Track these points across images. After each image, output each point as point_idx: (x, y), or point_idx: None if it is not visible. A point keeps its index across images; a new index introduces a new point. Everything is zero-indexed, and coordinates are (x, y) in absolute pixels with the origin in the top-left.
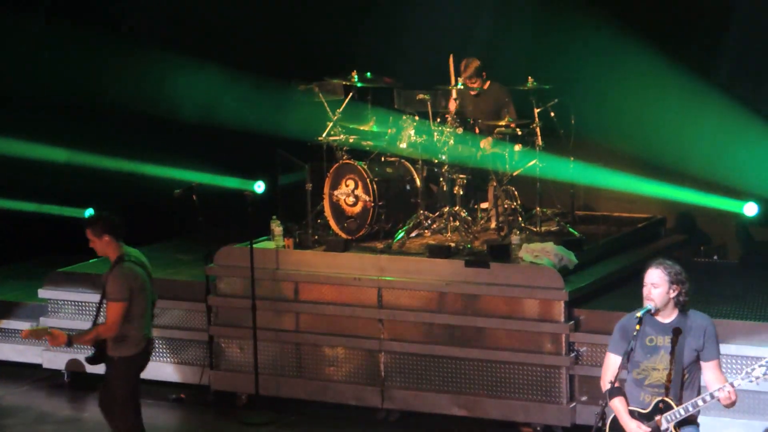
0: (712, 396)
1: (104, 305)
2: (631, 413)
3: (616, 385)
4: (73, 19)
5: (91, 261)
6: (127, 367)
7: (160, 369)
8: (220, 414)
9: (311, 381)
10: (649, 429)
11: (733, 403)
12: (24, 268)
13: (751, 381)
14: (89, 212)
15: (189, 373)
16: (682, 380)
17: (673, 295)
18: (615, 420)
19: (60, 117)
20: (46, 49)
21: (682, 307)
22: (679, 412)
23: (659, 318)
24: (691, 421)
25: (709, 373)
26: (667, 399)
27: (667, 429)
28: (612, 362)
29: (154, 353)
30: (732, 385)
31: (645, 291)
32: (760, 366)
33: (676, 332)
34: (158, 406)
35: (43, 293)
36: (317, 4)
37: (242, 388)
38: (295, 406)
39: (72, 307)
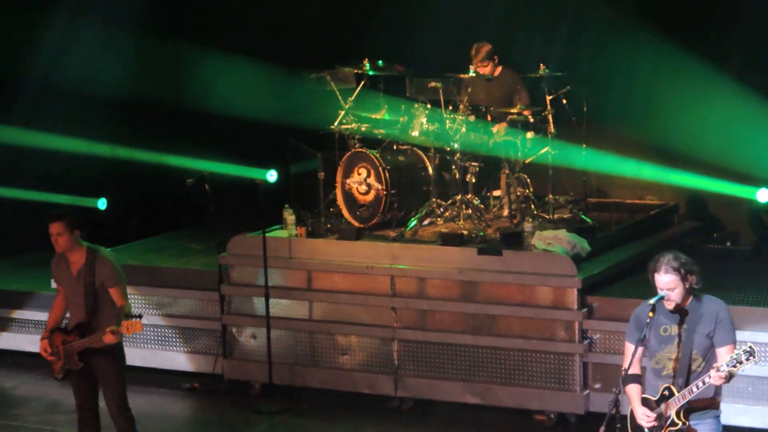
0: (704, 382)
1: (97, 295)
2: (644, 401)
3: (630, 372)
4: (94, 12)
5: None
6: (121, 350)
7: (174, 358)
8: (234, 403)
9: (324, 369)
10: (654, 416)
11: (726, 380)
12: (36, 258)
13: (734, 366)
14: (102, 202)
15: (202, 362)
16: (690, 367)
17: (687, 286)
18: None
19: (73, 107)
20: (65, 41)
21: (695, 291)
22: (677, 398)
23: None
24: (705, 412)
25: (722, 359)
26: (671, 386)
27: (669, 416)
28: (627, 351)
29: (167, 342)
30: (717, 369)
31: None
32: (744, 351)
33: (683, 314)
34: (172, 395)
35: (55, 283)
36: None
37: (255, 377)
38: (309, 394)
39: None
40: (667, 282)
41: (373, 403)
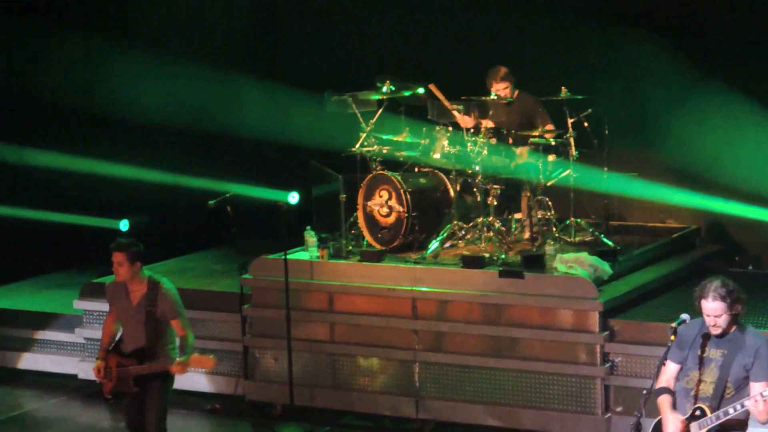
0: (742, 405)
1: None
2: None
3: (664, 386)
4: (111, 34)
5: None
6: (172, 375)
7: (195, 379)
8: (255, 424)
9: (346, 391)
10: (685, 422)
11: (764, 413)
12: (59, 278)
13: None
14: (124, 223)
15: (224, 384)
16: (723, 393)
17: (733, 313)
18: (657, 429)
19: (95, 128)
20: (83, 62)
21: (739, 319)
22: (711, 419)
23: None
24: None
25: (755, 392)
26: (703, 406)
27: None
28: (668, 369)
29: None
30: (762, 394)
31: (709, 321)
32: None
33: (726, 340)
34: (193, 417)
35: (78, 304)
36: (349, 16)
37: (277, 399)
38: (330, 416)
39: None
40: (714, 309)
41: (395, 425)
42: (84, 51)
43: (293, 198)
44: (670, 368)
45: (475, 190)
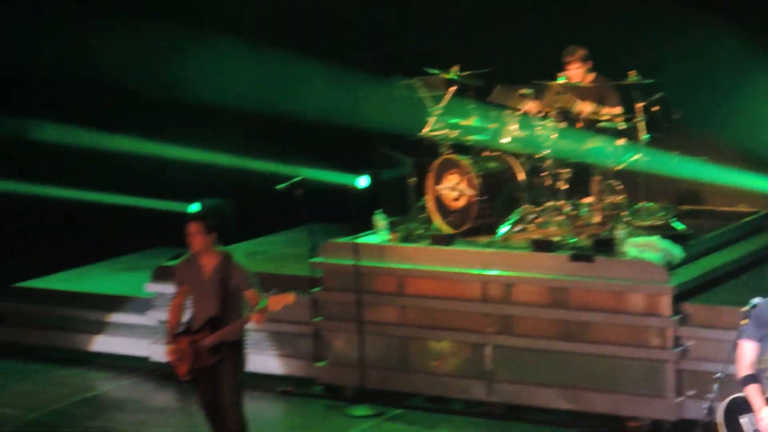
0: None
1: (229, 295)
2: None
3: (748, 373)
4: (180, 17)
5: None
6: (244, 351)
7: (268, 362)
8: (327, 406)
9: (417, 374)
10: None
11: None
12: (131, 261)
13: None
14: (195, 206)
15: (295, 366)
16: None
17: None
18: (729, 411)
19: (166, 113)
20: (155, 47)
21: None
22: None
23: None
24: None
25: None
26: None
27: None
28: (744, 349)
29: (261, 346)
30: None
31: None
32: None
33: None
34: (265, 399)
35: (150, 287)
36: (419, 1)
37: (348, 381)
38: (401, 399)
39: None
40: None
41: (466, 408)
42: (154, 35)
43: (363, 182)
44: (750, 350)
45: (544, 174)
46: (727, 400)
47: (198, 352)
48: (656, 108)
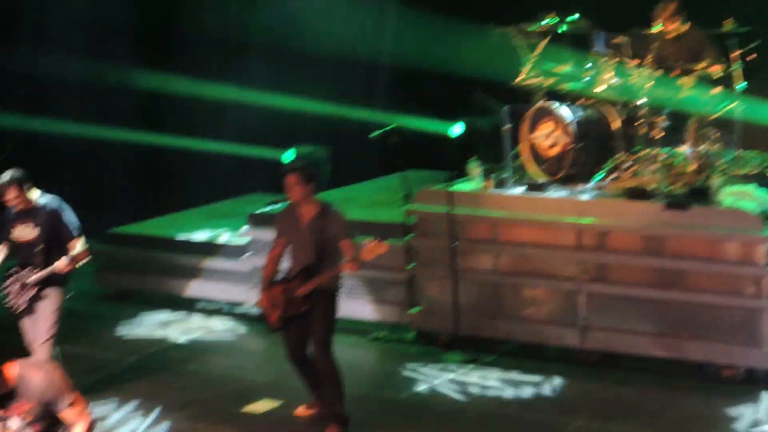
0: None
1: (325, 245)
2: None
3: None
4: None
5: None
6: (337, 297)
7: (362, 308)
8: (421, 353)
9: (510, 321)
10: None
11: None
12: (227, 207)
13: None
14: (290, 154)
15: (389, 313)
16: None
17: None
18: None
19: (260, 60)
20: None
21: None
22: None
23: None
24: None
25: None
26: None
27: None
28: None
29: (354, 292)
30: None
31: None
32: None
33: None
34: (359, 345)
35: (245, 233)
36: None
37: (442, 328)
38: (495, 345)
39: None
40: None
41: (559, 355)
42: None
43: (458, 129)
44: None
45: (639, 122)
46: None
47: (290, 299)
48: (753, 56)
